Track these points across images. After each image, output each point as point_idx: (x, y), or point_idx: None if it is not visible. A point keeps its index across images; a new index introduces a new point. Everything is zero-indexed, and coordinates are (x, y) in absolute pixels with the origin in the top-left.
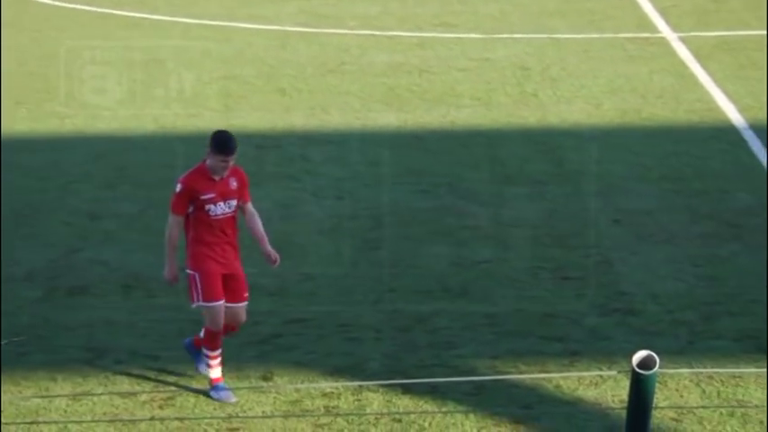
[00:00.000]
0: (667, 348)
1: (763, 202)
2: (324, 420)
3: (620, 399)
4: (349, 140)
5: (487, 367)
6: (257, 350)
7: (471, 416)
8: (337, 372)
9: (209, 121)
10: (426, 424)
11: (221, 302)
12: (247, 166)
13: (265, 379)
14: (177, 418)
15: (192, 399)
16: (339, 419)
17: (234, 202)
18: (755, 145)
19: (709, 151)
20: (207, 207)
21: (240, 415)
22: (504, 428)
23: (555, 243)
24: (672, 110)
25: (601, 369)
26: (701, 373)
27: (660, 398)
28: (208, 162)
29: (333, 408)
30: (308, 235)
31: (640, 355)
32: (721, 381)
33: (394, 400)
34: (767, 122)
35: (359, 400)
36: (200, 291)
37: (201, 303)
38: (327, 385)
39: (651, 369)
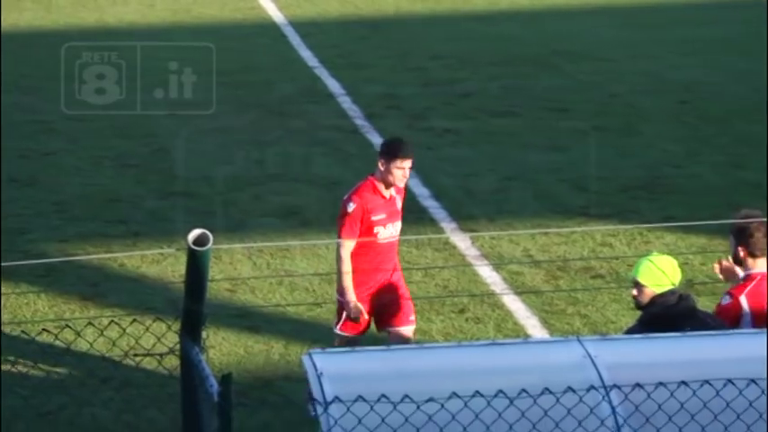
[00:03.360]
0: (221, 226)
1: (301, 90)
2: None
3: (180, 273)
4: None
5: (57, 250)
6: None
7: (43, 295)
8: None
9: None
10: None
11: (357, 337)
12: None
13: None
14: None
15: None
16: None
17: (399, 224)
18: (295, 40)
19: (253, 46)
20: (375, 230)
21: None
22: (74, 305)
23: (116, 134)
24: (219, 9)
25: (161, 247)
26: (252, 247)
27: (215, 271)
28: (380, 175)
29: None
30: None
31: (195, 233)
32: (270, 254)
33: None
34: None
35: None
36: (341, 320)
37: (338, 332)
38: None
39: (205, 245)
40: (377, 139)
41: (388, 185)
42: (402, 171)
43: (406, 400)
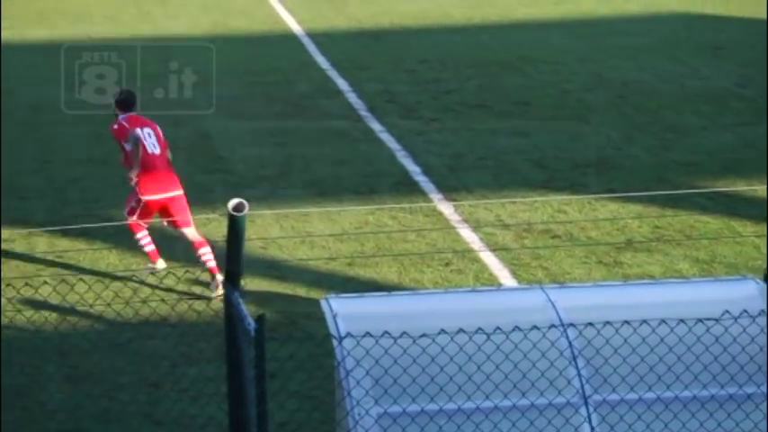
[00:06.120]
0: (254, 196)
1: (316, 87)
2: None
3: (222, 234)
4: None
5: (122, 217)
6: None
7: (114, 250)
8: (9, 223)
9: None
10: (81, 258)
11: None
12: None
13: None
14: None
15: None
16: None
17: None
18: (311, 48)
19: (277, 52)
20: None
21: None
22: (139, 259)
23: (170, 124)
24: (249, 23)
25: (207, 214)
26: (279, 213)
27: (251, 233)
28: None
29: (8, 250)
30: None
31: (234, 201)
32: (294, 218)
33: (56, 242)
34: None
35: (29, 243)
36: None
37: None
38: (5, 233)
39: (242, 212)
40: (377, 127)
41: None
42: None
43: (405, 336)
